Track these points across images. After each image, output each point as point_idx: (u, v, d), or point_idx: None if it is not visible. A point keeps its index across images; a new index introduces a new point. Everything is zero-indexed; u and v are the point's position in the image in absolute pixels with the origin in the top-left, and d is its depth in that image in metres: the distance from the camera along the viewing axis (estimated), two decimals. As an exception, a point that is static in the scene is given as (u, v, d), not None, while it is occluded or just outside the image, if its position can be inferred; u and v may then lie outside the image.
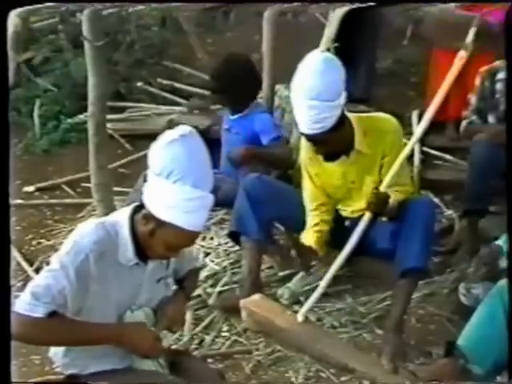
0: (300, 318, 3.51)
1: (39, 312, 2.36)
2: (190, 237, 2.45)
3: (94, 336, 2.45)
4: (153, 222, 2.41)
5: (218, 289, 3.87)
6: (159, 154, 2.39)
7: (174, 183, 2.36)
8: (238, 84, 4.36)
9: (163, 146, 2.39)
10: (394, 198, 3.47)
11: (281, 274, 3.96)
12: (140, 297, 2.55)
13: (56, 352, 2.58)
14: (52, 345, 2.56)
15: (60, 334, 2.42)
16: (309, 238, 3.66)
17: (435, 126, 4.48)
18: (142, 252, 2.48)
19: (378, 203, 3.45)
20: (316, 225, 3.67)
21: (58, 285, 2.37)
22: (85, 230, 2.45)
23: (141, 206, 2.47)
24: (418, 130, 4.14)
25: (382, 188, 3.49)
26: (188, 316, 3.58)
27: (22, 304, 2.36)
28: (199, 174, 2.39)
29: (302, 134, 3.48)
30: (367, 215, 3.51)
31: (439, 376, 3.04)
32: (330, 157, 3.60)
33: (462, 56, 4.52)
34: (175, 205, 2.37)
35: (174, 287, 2.70)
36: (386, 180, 3.51)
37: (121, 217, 2.50)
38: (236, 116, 4.45)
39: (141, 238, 2.46)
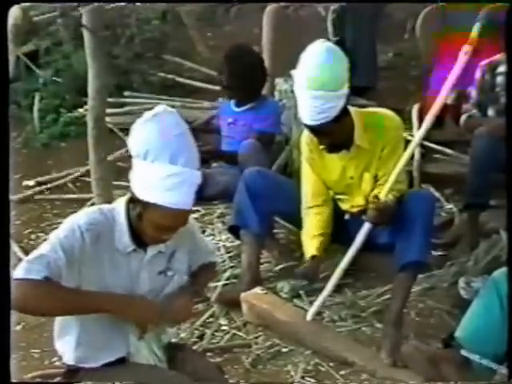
0: (309, 317, 3.50)
1: (34, 274, 2.31)
2: (177, 216, 2.41)
3: (94, 303, 2.40)
4: (139, 205, 2.41)
5: (221, 283, 3.86)
6: (134, 136, 2.40)
7: (151, 163, 2.35)
8: (247, 77, 4.37)
9: (137, 127, 2.39)
10: (389, 198, 3.43)
11: (280, 267, 3.96)
12: (140, 287, 2.52)
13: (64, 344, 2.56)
14: (48, 312, 2.45)
15: (57, 299, 2.35)
16: (311, 247, 3.66)
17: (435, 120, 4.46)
18: (139, 238, 2.48)
19: (379, 215, 3.39)
20: (317, 229, 3.65)
21: (53, 254, 2.35)
22: (82, 213, 2.47)
23: None
24: (421, 130, 3.93)
25: (383, 195, 3.42)
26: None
27: (18, 270, 2.33)
28: (176, 151, 2.35)
29: (306, 125, 3.46)
30: (367, 226, 3.43)
31: (440, 358, 3.00)
32: (332, 150, 3.59)
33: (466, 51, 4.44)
34: (154, 184, 2.36)
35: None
36: (387, 186, 3.44)
37: (118, 204, 2.51)
38: (242, 108, 4.45)
39: (134, 224, 2.46)
